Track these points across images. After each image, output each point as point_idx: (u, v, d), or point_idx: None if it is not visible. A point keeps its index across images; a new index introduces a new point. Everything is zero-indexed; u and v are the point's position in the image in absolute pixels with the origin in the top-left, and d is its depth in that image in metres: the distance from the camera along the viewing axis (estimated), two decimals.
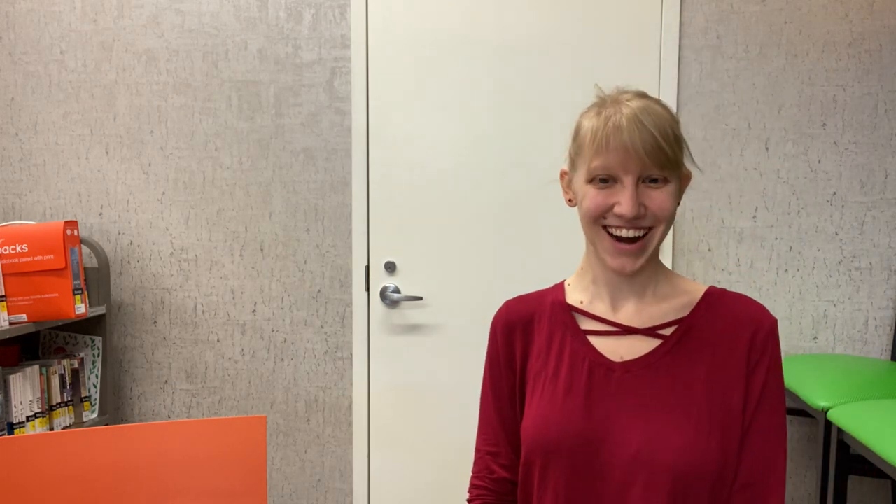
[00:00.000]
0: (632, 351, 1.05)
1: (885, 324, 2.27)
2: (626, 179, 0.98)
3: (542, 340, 1.10)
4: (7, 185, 2.54)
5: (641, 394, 1.01)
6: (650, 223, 1.01)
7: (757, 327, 1.03)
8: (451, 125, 2.38)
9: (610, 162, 0.98)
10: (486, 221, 2.39)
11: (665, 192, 1.00)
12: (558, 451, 1.02)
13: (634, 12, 2.29)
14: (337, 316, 2.46)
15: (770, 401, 1.01)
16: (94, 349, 2.42)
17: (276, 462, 2.52)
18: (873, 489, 2.31)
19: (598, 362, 1.05)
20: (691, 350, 1.03)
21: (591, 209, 1.03)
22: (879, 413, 1.73)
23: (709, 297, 1.07)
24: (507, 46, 2.35)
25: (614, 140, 0.97)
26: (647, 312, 1.07)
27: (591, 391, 1.03)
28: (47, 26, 2.49)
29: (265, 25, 2.42)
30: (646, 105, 1.00)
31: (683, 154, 1.03)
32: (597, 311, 1.09)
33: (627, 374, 1.03)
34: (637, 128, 0.97)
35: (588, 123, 1.03)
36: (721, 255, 2.31)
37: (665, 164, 0.98)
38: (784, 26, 2.26)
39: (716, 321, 1.05)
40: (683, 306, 1.07)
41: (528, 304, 1.15)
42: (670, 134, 0.99)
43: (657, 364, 1.03)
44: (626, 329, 1.06)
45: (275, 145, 2.44)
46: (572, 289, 1.14)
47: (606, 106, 1.01)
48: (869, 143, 2.25)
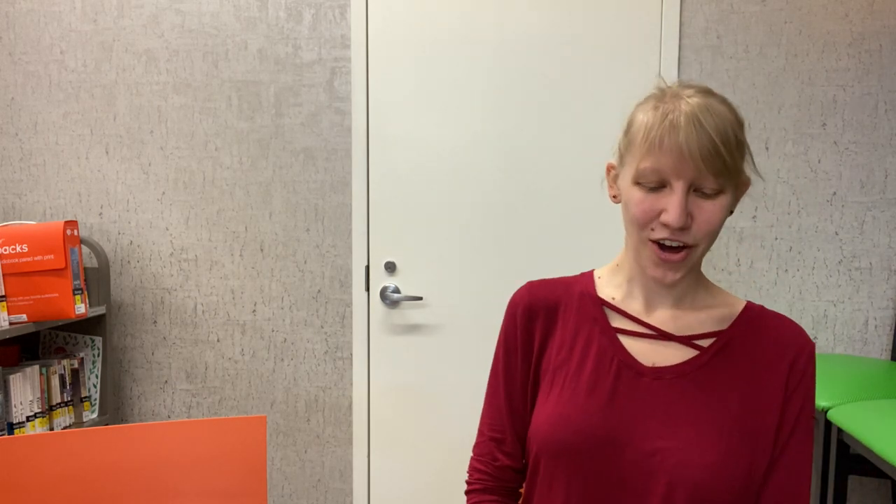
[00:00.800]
0: (664, 357, 0.99)
1: (885, 324, 2.27)
2: (677, 185, 0.90)
3: (568, 332, 1.04)
4: (7, 185, 2.54)
5: (671, 403, 0.96)
6: (692, 241, 0.93)
7: (798, 351, 0.98)
8: (451, 125, 2.38)
9: (662, 164, 0.90)
10: (486, 221, 2.39)
11: (717, 204, 0.92)
12: (575, 452, 0.97)
13: (634, 12, 2.29)
14: (337, 316, 2.46)
15: (803, 429, 0.97)
16: (94, 349, 2.42)
17: (276, 462, 2.52)
18: (873, 489, 2.31)
19: (628, 364, 0.99)
20: (729, 365, 0.97)
21: (638, 217, 0.94)
22: (879, 413, 1.73)
23: (748, 312, 1.02)
24: (508, 46, 2.35)
25: (669, 140, 0.89)
26: (684, 320, 1.01)
27: (616, 393, 0.98)
28: (47, 26, 2.49)
29: (265, 25, 2.42)
30: (708, 104, 0.91)
31: (745, 161, 0.95)
32: (630, 310, 1.03)
33: (658, 381, 0.97)
34: (695, 128, 0.88)
35: (643, 118, 0.94)
36: (721, 255, 2.31)
37: (721, 173, 0.90)
38: (784, 26, 2.26)
39: (756, 338, 0.99)
40: (722, 318, 1.01)
41: (554, 290, 1.08)
42: (731, 138, 0.90)
43: (692, 375, 0.97)
44: (661, 333, 1.00)
45: (275, 145, 2.44)
46: (604, 283, 1.07)
47: (665, 100, 0.93)
48: (869, 143, 2.25)
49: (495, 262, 2.39)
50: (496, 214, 2.38)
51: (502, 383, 1.09)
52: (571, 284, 1.08)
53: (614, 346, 1.01)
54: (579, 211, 2.35)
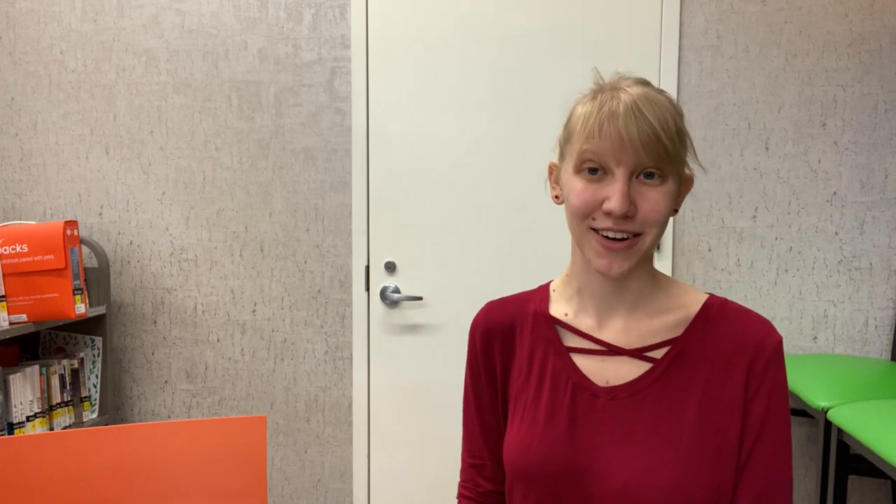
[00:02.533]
0: (618, 374, 0.95)
1: (885, 324, 2.27)
2: (618, 172, 0.87)
3: (524, 356, 1.01)
4: (7, 185, 2.54)
5: (628, 423, 0.92)
6: (639, 228, 0.89)
7: (757, 351, 0.92)
8: (451, 125, 2.38)
9: (601, 149, 0.87)
10: (486, 221, 2.39)
11: (661, 191, 0.89)
12: (540, 479, 0.94)
13: (634, 12, 2.29)
14: (337, 316, 2.46)
15: (772, 430, 0.91)
16: (94, 349, 2.42)
17: (276, 462, 2.52)
18: (873, 489, 2.31)
19: (582, 386, 0.95)
20: (683, 376, 0.93)
21: (579, 206, 0.90)
22: (879, 413, 1.73)
23: (706, 311, 0.96)
24: (507, 46, 2.35)
25: (608, 126, 0.87)
26: (637, 330, 0.96)
27: (574, 418, 0.95)
28: (47, 26, 2.49)
29: (265, 25, 2.42)
30: (646, 93, 0.89)
31: (686, 151, 0.92)
32: (582, 326, 0.99)
33: (613, 402, 0.94)
34: (634, 116, 0.86)
35: (581, 109, 0.93)
36: (721, 255, 2.31)
37: (663, 158, 0.87)
38: (784, 26, 2.26)
39: (712, 341, 0.94)
40: (678, 323, 0.96)
41: (509, 309, 1.05)
42: (671, 126, 0.88)
43: (645, 391, 0.93)
44: (612, 349, 0.96)
45: (275, 145, 2.44)
46: (557, 296, 1.03)
47: (603, 92, 0.91)
48: (869, 143, 2.25)
49: (495, 262, 2.39)
50: (496, 214, 2.38)
51: (474, 410, 1.07)
52: (526, 301, 1.04)
53: (568, 367, 0.97)
54: None
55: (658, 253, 2.32)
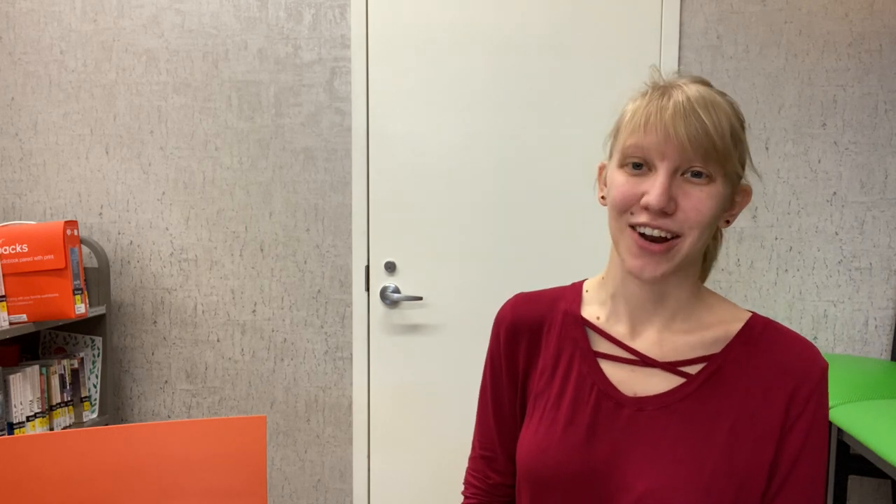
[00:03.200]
0: (648, 386, 0.90)
1: (885, 324, 2.27)
2: (661, 166, 0.83)
3: (549, 356, 0.98)
4: (7, 185, 2.54)
5: (652, 438, 0.88)
6: (678, 228, 0.84)
7: (802, 378, 0.86)
8: (452, 125, 2.38)
9: (645, 142, 0.84)
10: (487, 221, 2.39)
11: (706, 192, 0.83)
12: (553, 485, 0.92)
13: (634, 12, 2.29)
14: (337, 316, 2.46)
15: (808, 463, 0.86)
16: (94, 349, 2.42)
17: (276, 462, 2.52)
18: (873, 489, 2.31)
19: (607, 393, 0.91)
20: (718, 395, 0.88)
21: (617, 198, 0.86)
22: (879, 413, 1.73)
23: (748, 330, 0.90)
24: (507, 46, 2.35)
25: (654, 120, 0.83)
26: (672, 344, 0.91)
27: (595, 426, 0.91)
28: (47, 26, 2.49)
29: (265, 25, 2.42)
30: (703, 92, 0.85)
31: (741, 157, 0.87)
32: (613, 332, 0.94)
33: (640, 413, 0.89)
34: (685, 112, 0.82)
35: (631, 106, 0.89)
36: (721, 255, 2.30)
37: (711, 157, 0.82)
38: (784, 26, 2.26)
39: (752, 363, 0.89)
40: (716, 340, 0.90)
41: (539, 306, 1.01)
42: (725, 126, 0.83)
43: (675, 407, 0.88)
44: (644, 359, 0.91)
45: (275, 145, 2.44)
46: (590, 298, 0.99)
47: (657, 89, 0.87)
48: (869, 143, 2.25)
49: (495, 262, 2.39)
50: (496, 214, 2.38)
51: (490, 402, 1.05)
52: (558, 300, 1.01)
53: (594, 373, 0.93)
54: (579, 211, 2.35)
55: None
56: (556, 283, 1.09)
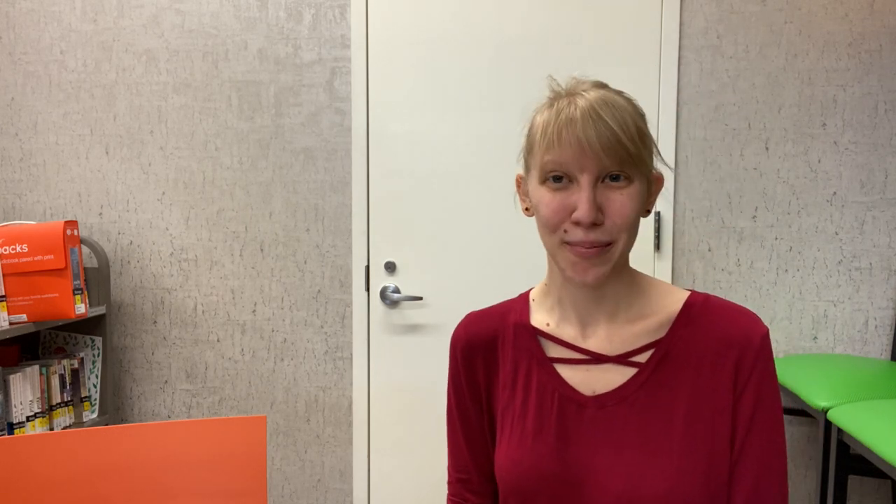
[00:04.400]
0: (604, 382, 0.93)
1: (885, 324, 2.27)
2: (583, 179, 0.86)
3: (508, 369, 1.00)
4: (7, 185, 2.54)
5: (618, 432, 0.91)
6: (609, 237, 0.87)
7: (744, 346, 0.90)
8: (451, 125, 2.38)
9: (562, 157, 0.87)
10: (487, 221, 2.38)
11: (627, 194, 0.87)
12: (534, 493, 0.93)
13: (634, 12, 2.29)
14: (337, 316, 2.46)
15: (762, 423, 0.90)
16: (94, 349, 2.42)
17: (276, 462, 2.52)
18: (873, 489, 2.31)
19: (568, 397, 0.94)
20: (670, 377, 0.91)
21: (548, 217, 0.89)
22: (879, 413, 1.73)
23: (688, 310, 0.94)
24: (507, 46, 2.35)
25: (567, 134, 0.86)
26: (620, 336, 0.94)
27: (563, 430, 0.93)
28: (47, 26, 2.49)
29: (265, 25, 2.42)
30: (604, 96, 0.88)
31: (650, 152, 0.90)
32: (564, 336, 0.97)
33: (601, 411, 0.92)
34: (592, 120, 0.85)
35: (539, 118, 0.92)
36: (721, 255, 2.31)
37: (625, 161, 0.86)
38: (784, 26, 2.26)
39: (696, 340, 0.92)
40: (660, 325, 0.94)
41: (490, 322, 1.03)
42: (632, 128, 0.86)
43: (633, 397, 0.92)
44: (596, 357, 0.95)
45: (275, 145, 2.44)
46: (537, 306, 1.02)
47: (560, 98, 0.91)
48: (869, 143, 2.25)
49: (495, 261, 2.39)
50: (496, 214, 2.38)
51: (458, 424, 1.05)
52: (507, 313, 1.03)
53: (553, 378, 0.95)
54: None
55: (658, 253, 2.32)
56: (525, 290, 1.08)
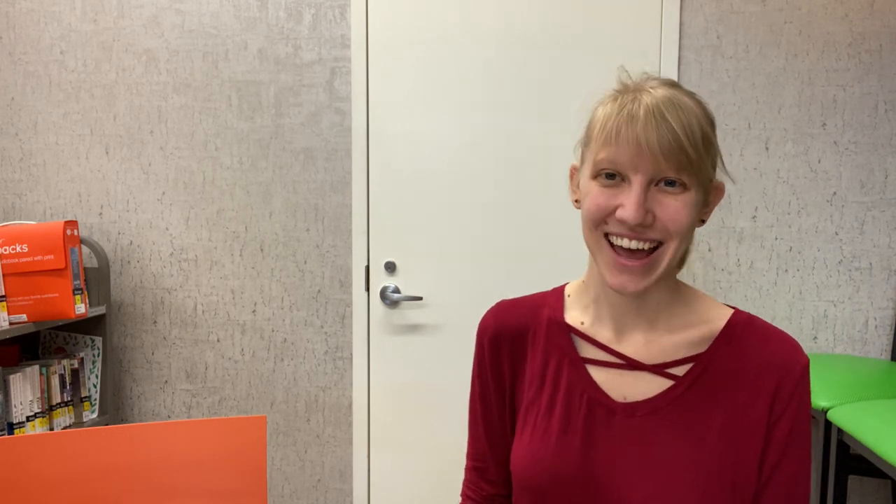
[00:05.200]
0: (637, 390, 0.91)
1: (885, 324, 2.27)
2: (635, 179, 0.83)
3: (537, 364, 0.97)
4: (7, 185, 2.54)
5: (646, 443, 0.88)
6: (659, 236, 0.84)
7: (785, 373, 0.87)
8: (452, 125, 2.38)
9: (618, 156, 0.83)
10: (487, 221, 2.38)
11: (682, 200, 0.83)
12: (552, 493, 0.91)
13: (634, 12, 2.29)
14: (337, 316, 2.46)
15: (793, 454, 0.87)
16: (94, 349, 2.42)
17: (276, 462, 2.52)
18: (873, 489, 2.31)
19: (598, 400, 0.91)
20: (706, 395, 0.88)
21: (591, 210, 0.87)
22: (879, 413, 1.73)
23: (732, 328, 0.91)
24: (507, 47, 2.35)
25: (626, 131, 0.82)
26: (658, 345, 0.91)
27: (589, 433, 0.91)
28: (47, 26, 2.49)
29: (265, 25, 2.42)
30: (672, 95, 0.84)
31: (714, 160, 0.87)
32: (599, 337, 0.94)
33: (631, 419, 0.89)
34: (655, 120, 0.81)
35: (601, 111, 0.88)
36: (721, 255, 2.31)
37: (684, 167, 0.82)
38: (784, 26, 2.26)
39: (738, 359, 0.89)
40: (701, 339, 0.91)
41: (522, 313, 1.00)
42: (697, 133, 0.82)
43: (666, 410, 0.89)
44: (631, 363, 0.92)
45: (275, 145, 2.44)
46: (573, 303, 0.99)
47: (626, 93, 0.87)
48: (869, 143, 2.25)
49: (495, 262, 2.39)
50: (496, 214, 2.38)
51: (479, 413, 1.04)
52: (540, 306, 1.00)
53: (583, 379, 0.93)
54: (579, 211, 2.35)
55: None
56: (557, 282, 1.07)
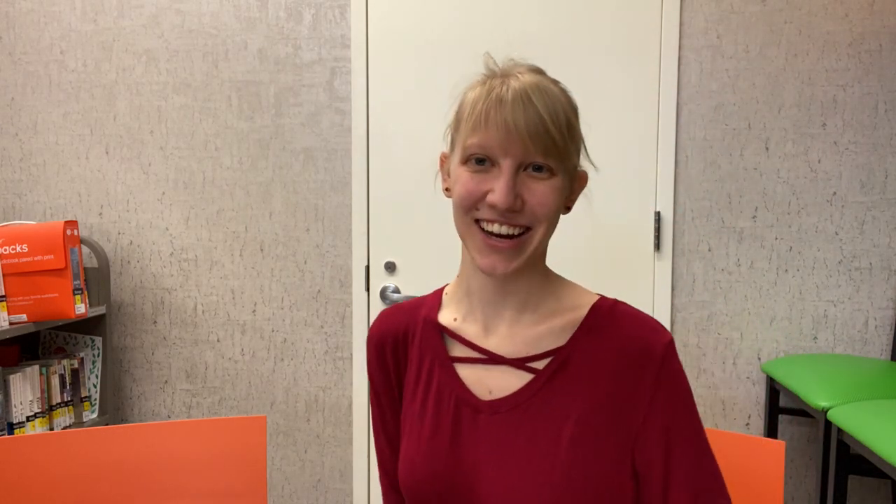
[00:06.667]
0: (501, 385, 0.89)
1: (885, 324, 2.27)
2: (504, 163, 0.83)
3: (413, 367, 0.95)
4: (7, 185, 2.54)
5: (507, 441, 0.86)
6: (527, 222, 0.84)
7: (645, 358, 0.86)
8: None
9: (488, 140, 0.83)
10: None
11: (549, 185, 0.84)
12: (425, 499, 0.89)
13: (634, 12, 2.29)
14: (337, 316, 2.46)
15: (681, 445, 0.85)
16: (94, 349, 2.42)
17: (276, 462, 2.52)
18: (873, 489, 2.31)
19: (465, 399, 0.90)
20: (566, 387, 0.87)
21: (462, 195, 0.86)
22: (879, 413, 1.73)
23: (593, 316, 0.89)
24: (507, 46, 2.34)
25: (495, 115, 0.83)
26: (521, 337, 0.90)
27: (457, 434, 0.89)
28: (47, 26, 2.49)
29: (265, 25, 2.42)
30: (539, 81, 0.86)
31: (578, 147, 0.88)
32: (467, 333, 0.93)
33: (495, 416, 0.88)
34: (523, 103, 0.82)
35: (471, 95, 0.89)
36: (721, 255, 2.31)
37: (551, 151, 0.83)
38: (784, 26, 2.26)
39: (597, 351, 0.87)
40: (564, 329, 0.89)
41: (401, 317, 0.99)
42: (562, 118, 0.84)
43: (526, 405, 0.87)
44: (493, 358, 0.90)
45: (275, 145, 2.44)
46: (448, 300, 0.98)
47: (494, 77, 0.88)
48: (869, 143, 2.25)
49: None
50: None
51: (378, 424, 1.01)
52: (419, 307, 0.99)
53: (451, 379, 0.91)
54: (578, 211, 2.35)
55: (658, 253, 2.32)
56: None
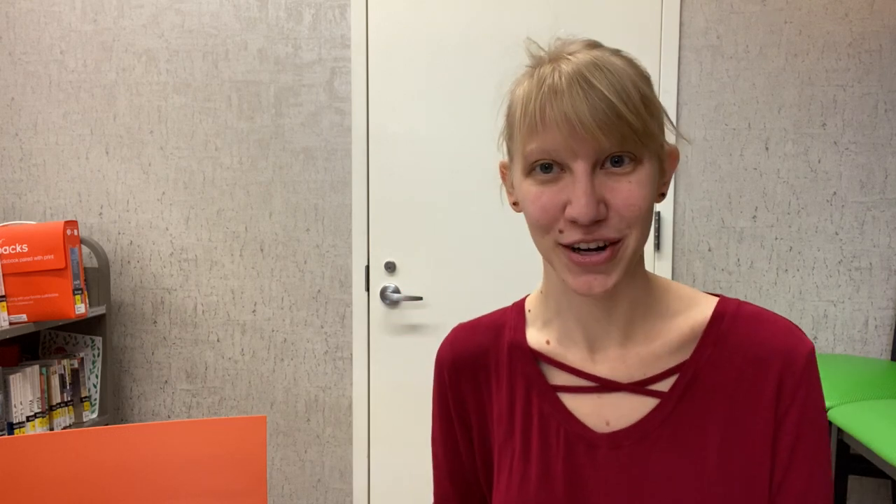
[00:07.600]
0: (620, 413, 0.76)
1: (885, 324, 2.27)
2: (577, 166, 0.68)
3: (503, 397, 0.83)
4: (7, 185, 2.54)
5: (638, 478, 0.75)
6: (616, 234, 0.69)
7: (785, 364, 0.73)
8: (452, 125, 2.38)
9: (550, 142, 0.68)
10: (487, 221, 2.38)
11: (634, 180, 0.69)
12: None
13: (634, 12, 2.29)
14: (337, 316, 2.46)
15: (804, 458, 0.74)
16: (94, 349, 2.42)
17: (276, 462, 2.52)
18: (873, 489, 2.31)
19: (577, 434, 0.77)
20: (699, 409, 0.75)
21: (535, 216, 0.72)
22: (879, 413, 1.73)
23: (717, 322, 0.77)
24: (508, 46, 2.34)
25: (552, 110, 0.67)
26: (636, 357, 0.77)
27: (573, 475, 0.77)
28: (47, 26, 2.49)
29: (265, 25, 2.42)
30: (596, 57, 0.69)
31: (660, 122, 0.72)
32: (569, 359, 0.80)
33: (617, 451, 0.76)
34: (582, 90, 0.66)
35: (519, 91, 0.73)
36: (721, 255, 2.31)
37: (629, 138, 0.67)
38: (784, 26, 2.26)
39: (727, 360, 0.75)
40: (683, 342, 0.77)
41: (481, 337, 0.87)
42: (633, 94, 0.67)
43: (656, 434, 0.75)
44: (606, 384, 0.77)
45: (275, 145, 2.44)
46: (534, 318, 0.84)
47: (543, 64, 0.71)
48: (869, 143, 2.25)
49: (495, 261, 2.39)
50: (497, 214, 2.38)
51: (442, 456, 0.90)
52: (501, 327, 0.86)
53: (557, 411, 0.78)
54: None
55: (658, 253, 2.32)
56: None
